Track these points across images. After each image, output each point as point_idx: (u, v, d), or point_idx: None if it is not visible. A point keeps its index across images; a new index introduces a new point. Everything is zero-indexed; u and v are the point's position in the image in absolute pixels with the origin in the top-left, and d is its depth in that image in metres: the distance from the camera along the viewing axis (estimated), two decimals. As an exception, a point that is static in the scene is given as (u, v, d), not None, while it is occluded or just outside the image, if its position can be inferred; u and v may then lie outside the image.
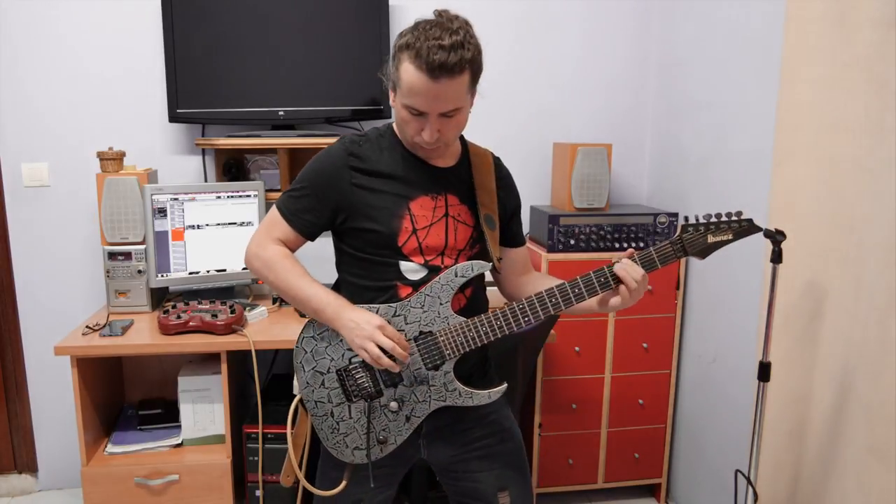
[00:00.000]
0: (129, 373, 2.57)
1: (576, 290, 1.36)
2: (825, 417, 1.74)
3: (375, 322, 1.34)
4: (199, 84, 2.41)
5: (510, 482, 1.53)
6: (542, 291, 1.36)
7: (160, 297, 2.42)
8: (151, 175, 2.45)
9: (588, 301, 1.37)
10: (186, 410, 2.20)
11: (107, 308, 2.35)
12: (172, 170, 2.59)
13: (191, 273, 2.39)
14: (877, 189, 1.57)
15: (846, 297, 1.67)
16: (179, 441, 2.21)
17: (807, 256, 1.77)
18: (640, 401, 2.57)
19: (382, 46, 2.45)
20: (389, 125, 1.47)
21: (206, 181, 2.60)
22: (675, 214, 2.49)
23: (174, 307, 2.19)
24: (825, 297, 1.73)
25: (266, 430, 2.19)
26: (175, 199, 2.34)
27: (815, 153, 1.75)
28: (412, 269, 1.41)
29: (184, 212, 2.35)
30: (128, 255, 2.30)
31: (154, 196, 2.30)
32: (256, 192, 2.44)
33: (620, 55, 2.75)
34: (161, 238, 2.33)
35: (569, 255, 2.43)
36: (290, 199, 1.44)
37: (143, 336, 2.09)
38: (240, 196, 2.42)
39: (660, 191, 2.75)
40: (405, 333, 1.38)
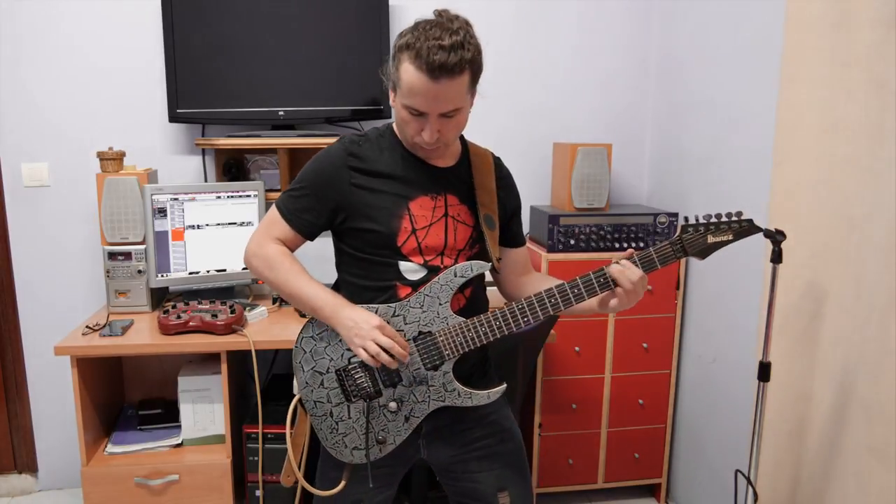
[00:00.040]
0: (129, 373, 2.57)
1: (575, 291, 1.36)
2: (825, 417, 1.74)
3: (374, 322, 1.34)
4: (199, 84, 2.41)
5: (510, 482, 1.53)
6: (542, 292, 1.36)
7: (160, 297, 2.43)
8: (151, 175, 2.45)
9: (588, 301, 1.37)
10: (186, 410, 2.20)
11: (107, 308, 2.35)
12: (172, 170, 2.59)
13: (191, 273, 2.39)
14: (877, 189, 1.57)
15: (846, 297, 1.67)
16: (179, 441, 2.21)
17: (807, 256, 1.77)
18: (640, 401, 2.57)
19: (382, 46, 2.45)
20: (389, 125, 1.47)
21: (206, 181, 2.60)
22: (675, 214, 2.49)
23: (174, 307, 2.19)
24: (825, 297, 1.73)
25: (266, 430, 2.20)
26: (175, 199, 2.34)
27: (815, 153, 1.75)
28: (411, 270, 1.41)
29: (184, 212, 2.35)
30: (128, 255, 2.30)
31: (154, 196, 2.30)
32: (256, 192, 2.44)
33: (620, 55, 2.75)
34: (161, 238, 2.33)
35: (569, 255, 2.43)
36: (290, 199, 1.44)
37: (143, 336, 2.09)
38: (240, 196, 2.42)
39: (660, 191, 2.75)
40: (404, 334, 1.38)
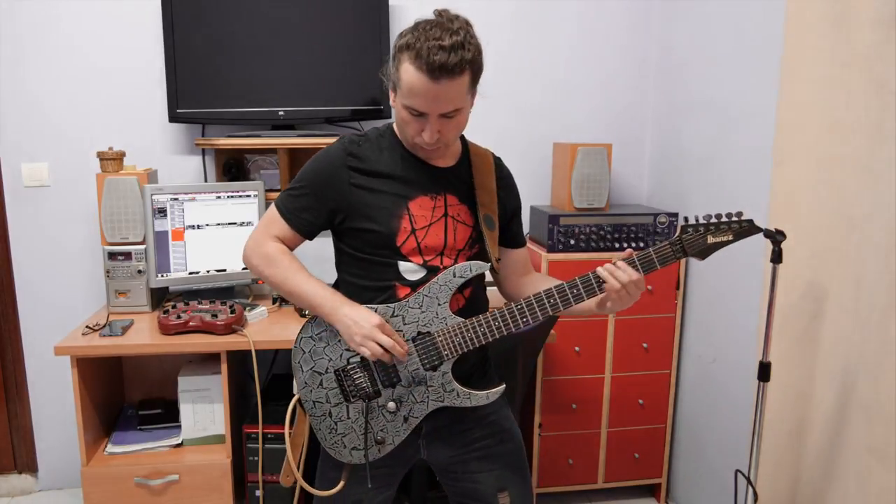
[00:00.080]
0: (129, 373, 2.57)
1: (574, 292, 1.36)
2: (825, 417, 1.73)
3: (374, 320, 1.34)
4: (199, 84, 2.41)
5: (510, 483, 1.53)
6: (541, 292, 1.36)
7: (160, 297, 2.42)
8: (151, 175, 2.45)
9: (587, 302, 1.37)
10: (186, 410, 2.20)
11: (107, 308, 2.35)
12: (172, 170, 2.59)
13: (191, 273, 2.39)
14: (877, 189, 1.57)
15: (846, 297, 1.66)
16: (179, 441, 2.21)
17: (807, 256, 1.77)
18: (640, 401, 2.57)
19: (382, 46, 2.45)
20: (389, 125, 1.47)
21: (206, 181, 2.60)
22: (675, 214, 2.49)
23: (174, 307, 2.19)
24: (825, 297, 1.73)
25: (266, 430, 2.19)
26: (175, 199, 2.34)
27: (815, 153, 1.75)
28: (411, 270, 1.41)
29: (184, 212, 2.35)
30: (128, 255, 2.30)
31: (154, 196, 2.30)
32: (256, 192, 2.44)
33: (620, 55, 2.75)
34: (161, 238, 2.33)
35: (569, 256, 2.42)
36: (289, 198, 1.44)
37: (143, 336, 2.09)
38: (240, 196, 2.42)
39: (660, 191, 2.74)
40: (403, 334, 1.38)
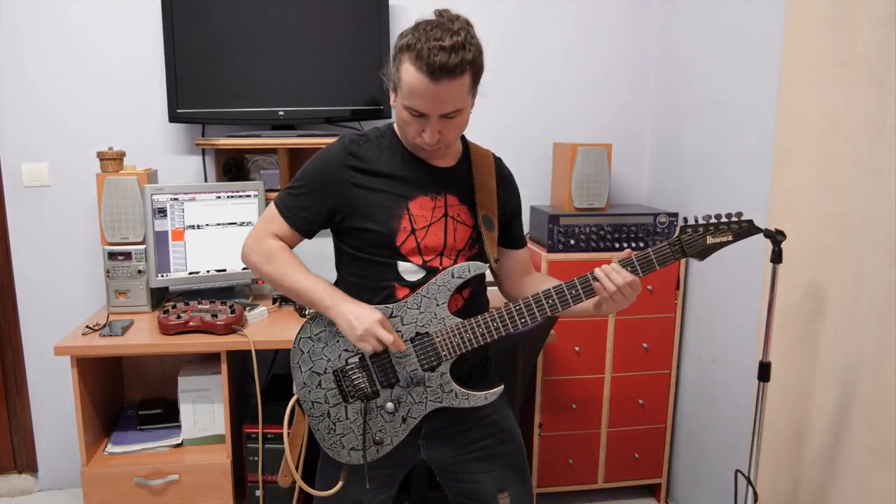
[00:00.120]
0: (129, 373, 2.57)
1: (573, 292, 1.36)
2: (825, 417, 1.73)
3: (376, 315, 1.34)
4: (199, 84, 2.41)
5: (510, 483, 1.53)
6: (540, 293, 1.36)
7: (160, 297, 2.42)
8: (151, 175, 2.45)
9: (585, 303, 1.37)
10: (186, 410, 2.20)
11: (107, 308, 2.35)
12: (172, 170, 2.59)
13: (191, 273, 2.39)
14: (877, 189, 1.57)
15: (846, 297, 1.66)
16: (179, 441, 2.21)
17: (807, 256, 1.77)
18: (640, 401, 2.57)
19: (382, 46, 2.45)
20: (390, 125, 1.47)
21: (206, 181, 2.60)
22: (675, 214, 2.49)
23: (174, 307, 2.19)
24: (825, 297, 1.73)
25: (266, 430, 2.19)
26: (175, 199, 2.34)
27: (815, 153, 1.74)
28: (410, 270, 1.41)
29: (184, 212, 2.35)
30: (128, 255, 2.30)
31: (154, 196, 2.30)
32: (256, 192, 2.44)
33: (620, 54, 2.75)
34: (161, 238, 2.33)
35: (569, 256, 2.42)
36: (288, 197, 1.44)
37: (143, 336, 2.09)
38: (240, 196, 2.42)
39: (660, 190, 2.74)
40: (402, 334, 1.38)
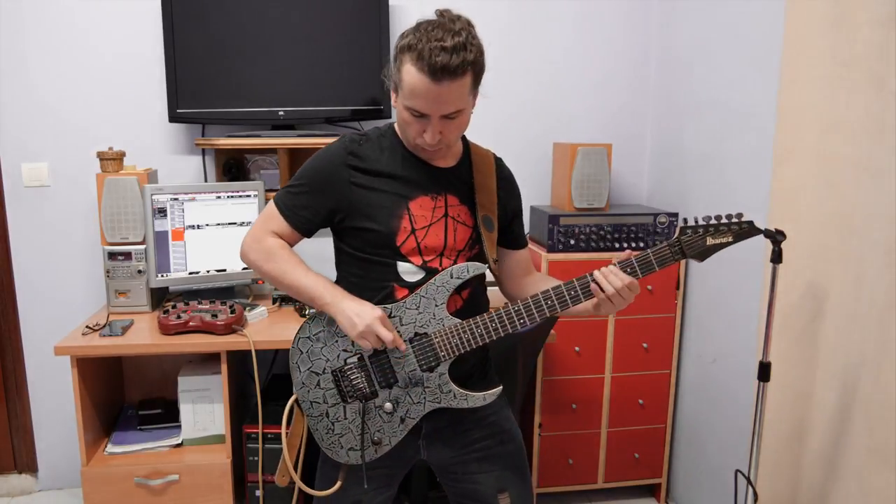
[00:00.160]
0: (129, 373, 2.57)
1: (571, 293, 1.36)
2: (825, 417, 1.73)
3: (376, 313, 1.34)
4: (199, 84, 2.41)
5: (510, 484, 1.53)
6: (539, 294, 1.36)
7: (160, 297, 2.42)
8: (151, 175, 2.45)
9: (584, 304, 1.37)
10: (186, 410, 2.20)
11: (107, 308, 2.35)
12: (172, 170, 2.59)
13: (191, 273, 2.39)
14: (877, 189, 1.57)
15: (846, 297, 1.66)
16: (179, 441, 2.21)
17: (807, 256, 1.77)
18: (640, 401, 2.57)
19: (382, 46, 2.45)
20: (391, 125, 1.47)
21: (206, 181, 2.60)
22: (675, 214, 2.49)
23: (174, 307, 2.19)
24: (825, 297, 1.73)
25: (266, 430, 2.19)
26: (175, 199, 2.34)
27: (815, 153, 1.74)
28: (410, 271, 1.41)
29: (184, 212, 2.35)
30: (128, 255, 2.30)
31: (154, 196, 2.30)
32: (256, 192, 2.44)
33: (620, 54, 2.75)
34: (161, 238, 2.33)
35: (569, 256, 2.42)
36: (288, 195, 1.44)
37: (143, 336, 2.09)
38: (240, 196, 2.42)
39: (660, 191, 2.74)
40: (400, 335, 1.38)
